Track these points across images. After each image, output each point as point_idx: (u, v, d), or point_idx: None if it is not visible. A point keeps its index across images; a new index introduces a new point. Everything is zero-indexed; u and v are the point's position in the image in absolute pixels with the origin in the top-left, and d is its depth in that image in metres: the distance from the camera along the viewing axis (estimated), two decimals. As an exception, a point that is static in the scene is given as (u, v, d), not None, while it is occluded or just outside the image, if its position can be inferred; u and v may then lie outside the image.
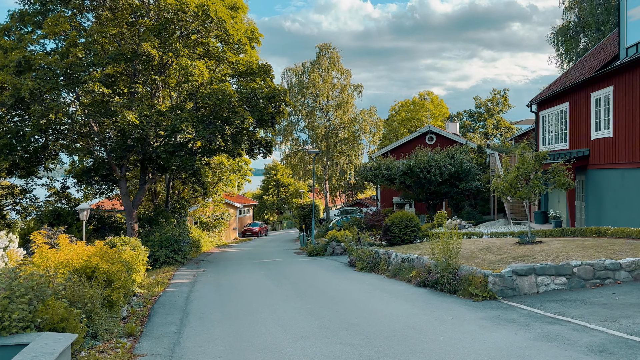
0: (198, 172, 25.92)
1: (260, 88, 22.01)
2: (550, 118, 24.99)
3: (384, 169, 32.69)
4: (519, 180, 14.15)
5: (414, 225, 20.60)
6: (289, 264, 21.02)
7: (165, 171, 23.76)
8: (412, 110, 69.11)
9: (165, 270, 19.92)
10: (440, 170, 30.79)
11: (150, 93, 22.96)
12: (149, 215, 26.73)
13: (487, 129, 67.22)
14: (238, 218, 54.77)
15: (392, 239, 20.43)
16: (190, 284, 15.69)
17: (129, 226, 23.37)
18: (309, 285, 14.10)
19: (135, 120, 19.52)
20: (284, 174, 78.22)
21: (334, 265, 19.36)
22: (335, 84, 55.27)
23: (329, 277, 15.53)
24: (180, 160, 20.83)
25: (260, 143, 24.83)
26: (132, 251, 15.34)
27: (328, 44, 55.71)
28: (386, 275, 15.17)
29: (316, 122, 55.07)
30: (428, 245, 17.57)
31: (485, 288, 10.53)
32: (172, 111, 20.98)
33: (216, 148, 22.08)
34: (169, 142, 21.47)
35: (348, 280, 14.67)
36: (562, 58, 39.52)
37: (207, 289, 14.39)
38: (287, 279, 15.74)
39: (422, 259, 13.86)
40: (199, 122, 20.89)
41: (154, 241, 22.05)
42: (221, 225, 40.96)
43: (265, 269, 19.11)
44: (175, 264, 21.76)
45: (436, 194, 32.69)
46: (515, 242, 15.11)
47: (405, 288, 12.52)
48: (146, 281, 15.98)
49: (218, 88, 20.63)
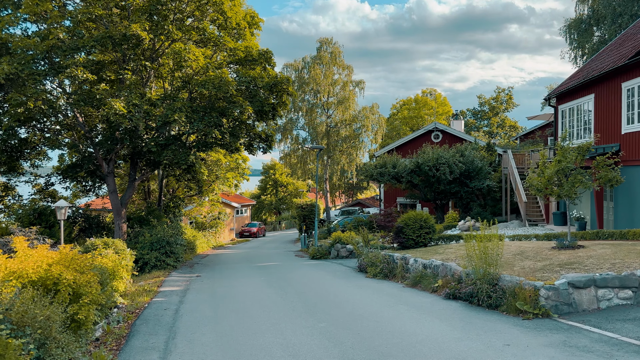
0: (193, 168, 23.99)
1: (260, 77, 20.12)
2: (572, 112, 23.20)
3: (390, 167, 30.88)
4: (559, 175, 12.34)
5: (429, 227, 18.76)
6: (291, 269, 19.16)
7: (157, 166, 21.84)
8: (414, 109, 67.30)
9: (154, 276, 18.02)
10: (450, 168, 29.02)
11: (141, 82, 21.06)
12: (140, 214, 24.80)
13: (491, 127, 65.46)
14: (235, 218, 52.85)
15: (405, 241, 18.59)
16: (181, 293, 13.79)
17: (116, 226, 21.46)
18: (317, 295, 12.23)
19: (123, 110, 17.63)
20: (283, 173, 76.31)
21: (342, 271, 17.50)
22: (336, 80, 53.42)
23: (339, 285, 13.66)
24: (172, 154, 18.92)
25: (260, 137, 22.95)
26: (115, 255, 13.46)
27: (329, 39, 53.84)
28: (405, 283, 13.33)
29: (317, 120, 53.20)
30: (450, 248, 15.74)
31: (537, 303, 8.70)
32: (164, 100, 19.09)
33: (212, 142, 20.19)
34: (161, 134, 19.59)
35: (362, 289, 12.81)
36: (576, 52, 37.80)
37: (200, 300, 12.50)
38: (291, 286, 13.86)
39: (448, 265, 12.02)
40: (193, 113, 19.00)
41: (144, 243, 20.13)
42: (218, 226, 39.03)
43: (265, 274, 17.24)
44: (167, 268, 19.85)
45: (445, 194, 30.89)
46: (552, 246, 13.31)
47: (433, 301, 10.67)
48: (131, 289, 14.09)
49: (214, 75, 18.74)
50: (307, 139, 55.62)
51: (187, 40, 20.39)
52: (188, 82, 19.64)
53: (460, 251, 14.64)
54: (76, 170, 22.09)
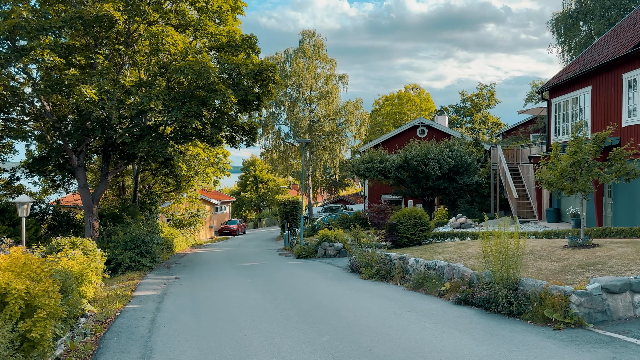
0: (170, 161, 22.49)
1: (244, 63, 18.76)
2: (566, 105, 22.45)
3: (378, 162, 29.85)
4: (573, 168, 11.35)
5: (424, 224, 17.71)
6: (277, 269, 17.90)
7: (132, 160, 20.32)
8: (397, 104, 66.47)
9: (129, 278, 16.55)
10: (439, 163, 28.10)
11: (115, 68, 19.50)
12: (114, 211, 23.19)
13: (474, 124, 65.08)
14: (215, 215, 51.23)
15: (399, 239, 17.51)
16: (158, 298, 12.41)
17: (88, 224, 19.88)
18: (311, 300, 11.01)
19: (94, 97, 16.09)
20: (263, 169, 74.78)
21: (332, 271, 16.32)
22: (319, 74, 52.11)
23: (334, 288, 12.47)
24: (148, 145, 17.44)
25: (244, 129, 21.57)
26: (84, 256, 12.03)
27: (312, 31, 52.47)
28: (405, 286, 12.21)
29: (299, 114, 51.82)
30: (449, 247, 14.67)
31: (567, 311, 7.64)
32: (139, 87, 17.59)
33: (192, 133, 18.78)
34: (136, 124, 18.11)
35: (359, 292, 11.64)
36: (563, 47, 37.30)
37: (180, 306, 11.17)
38: (281, 290, 12.62)
39: (455, 267, 10.92)
40: (171, 101, 17.56)
41: (117, 242, 18.62)
42: (197, 223, 37.46)
43: (251, 276, 15.95)
44: (142, 269, 18.38)
45: (433, 190, 30.00)
46: (562, 244, 12.36)
47: (442, 307, 9.56)
48: (102, 294, 12.66)
49: (195, 61, 17.32)
50: (289, 134, 54.22)
51: (164, 25, 18.92)
52: (166, 68, 18.16)
53: (463, 250, 13.61)
54: (43, 163, 20.41)
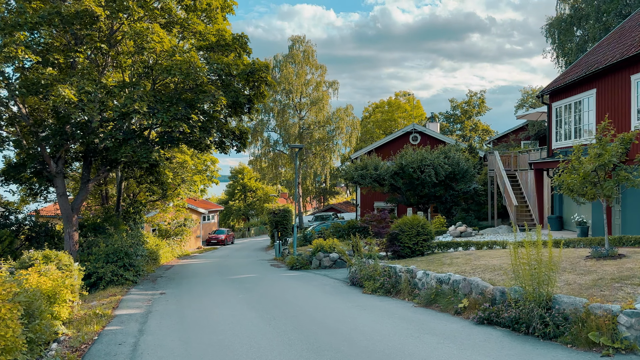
0: (156, 168, 21.23)
1: (235, 64, 17.67)
2: (568, 109, 21.72)
3: (372, 169, 28.91)
4: (598, 172, 10.42)
5: (427, 233, 16.68)
6: (271, 282, 16.72)
7: (114, 166, 19.06)
8: (387, 112, 65.82)
9: (110, 293, 15.24)
10: (435, 170, 27.21)
11: (97, 70, 18.31)
12: (95, 221, 21.83)
13: (464, 131, 64.60)
14: (202, 225, 49.79)
15: (401, 249, 16.45)
16: (142, 318, 11.17)
17: (67, 235, 18.53)
18: (314, 320, 9.88)
19: (73, 97, 14.87)
20: (252, 177, 73.49)
21: (331, 285, 15.20)
22: (309, 80, 51.17)
23: (337, 305, 11.34)
24: (132, 150, 16.21)
25: (234, 134, 20.44)
26: (59, 272, 10.77)
27: (302, 37, 51.59)
28: (415, 302, 11.12)
29: (289, 121, 50.74)
30: (457, 258, 13.63)
31: (616, 334, 6.63)
32: (122, 89, 16.39)
33: (179, 137, 17.61)
34: (119, 127, 16.91)
35: (366, 311, 10.53)
36: (557, 52, 36.83)
37: (167, 328, 9.95)
38: (278, 307, 11.46)
39: (473, 281, 9.88)
40: (157, 103, 16.39)
41: (98, 254, 17.29)
42: (183, 233, 36.06)
43: (243, 291, 14.75)
44: (125, 283, 17.05)
45: (428, 197, 29.08)
46: (584, 255, 11.39)
47: (463, 328, 8.49)
48: (79, 313, 11.39)
49: (182, 60, 16.20)
50: (278, 142, 53.10)
51: (150, 23, 17.79)
52: (151, 68, 17.00)
53: (474, 262, 12.58)
54: (19, 170, 19.04)
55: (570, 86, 21.46)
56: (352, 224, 31.97)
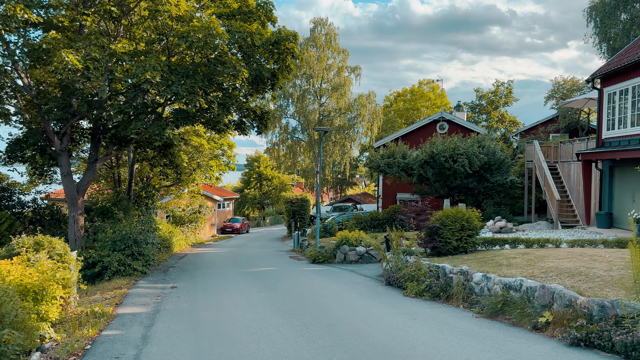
0: (170, 149, 19.51)
1: (258, 33, 15.77)
2: (624, 94, 19.46)
3: (400, 157, 26.86)
4: None
5: (472, 228, 14.68)
6: (294, 278, 14.92)
7: (125, 145, 17.35)
8: (409, 100, 63.47)
9: (115, 286, 13.56)
10: (469, 159, 25.10)
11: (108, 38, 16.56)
12: (104, 205, 20.22)
13: (490, 122, 62.03)
14: (217, 212, 48.27)
15: (442, 246, 14.49)
16: (147, 319, 9.43)
17: (71, 219, 16.91)
18: (359, 333, 8.01)
19: (78, 64, 13.13)
20: (268, 166, 71.79)
21: (363, 283, 13.34)
22: (330, 65, 49.05)
23: (380, 312, 9.46)
24: (143, 126, 14.46)
25: (255, 113, 18.59)
26: (51, 262, 9.07)
27: (324, 19, 49.39)
28: (475, 311, 9.20)
29: (308, 107, 48.78)
30: (515, 257, 11.62)
31: None
32: (133, 57, 14.62)
33: (195, 114, 15.80)
34: (130, 101, 15.17)
35: (417, 321, 8.64)
36: (600, 36, 34.31)
37: (176, 335, 8.19)
38: (307, 312, 9.62)
39: (556, 290, 7.92)
40: (171, 74, 14.59)
41: (104, 241, 15.63)
42: (198, 221, 34.48)
43: (264, 287, 12.96)
44: (133, 274, 15.37)
45: (459, 189, 27.02)
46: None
47: (553, 350, 6.57)
48: (76, 310, 9.69)
49: (200, 25, 14.35)
50: (297, 129, 51.24)
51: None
52: (166, 35, 15.18)
53: (539, 263, 10.58)
54: (21, 146, 17.44)
55: (628, 69, 19.21)
56: (374, 215, 30.13)
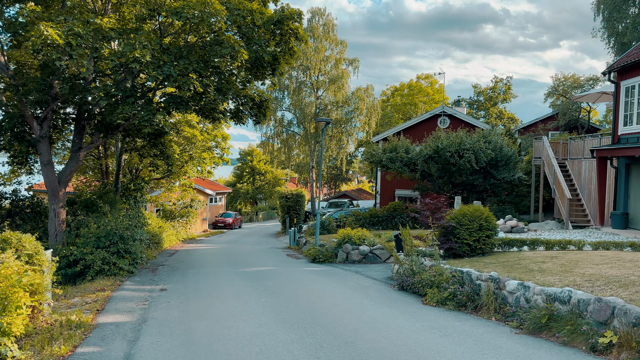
0: (160, 139, 18.10)
1: (259, 11, 14.40)
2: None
3: (403, 152, 25.63)
4: None
5: (491, 228, 13.46)
6: (296, 279, 13.62)
7: (111, 132, 15.92)
8: (407, 95, 62.25)
9: (98, 287, 12.17)
10: (475, 155, 23.93)
11: (93, 10, 15.11)
12: (89, 197, 18.75)
13: (489, 118, 61.01)
14: (209, 207, 46.83)
15: (458, 247, 13.28)
16: (132, 331, 8.08)
17: (52, 212, 15.47)
18: (384, 355, 6.73)
19: (58, 39, 11.70)
20: (261, 160, 70.37)
21: (374, 288, 12.08)
22: (328, 57, 47.58)
23: (402, 325, 8.19)
24: (130, 110, 13.05)
25: (253, 101, 17.22)
26: (17, 263, 7.70)
27: (322, 9, 47.88)
28: (513, 326, 7.96)
29: (305, 100, 47.35)
30: (545, 262, 10.36)
31: None
32: (121, 34, 13.19)
33: (189, 98, 14.41)
34: (117, 83, 13.75)
35: (449, 338, 7.39)
36: (609, 30, 33.28)
37: (165, 354, 6.86)
38: (319, 324, 8.33)
39: (617, 305, 6.67)
40: (163, 53, 13.19)
41: (87, 237, 14.21)
42: (189, 215, 33.05)
43: (265, 291, 11.64)
44: (119, 273, 13.99)
45: (464, 186, 25.86)
46: None
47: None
48: (48, 320, 8.32)
49: (196, 0, 12.95)
50: (292, 122, 49.80)
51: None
52: (157, 12, 13.76)
53: (577, 269, 9.36)
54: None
55: (650, 60, 18.08)
56: (373, 212, 28.95)
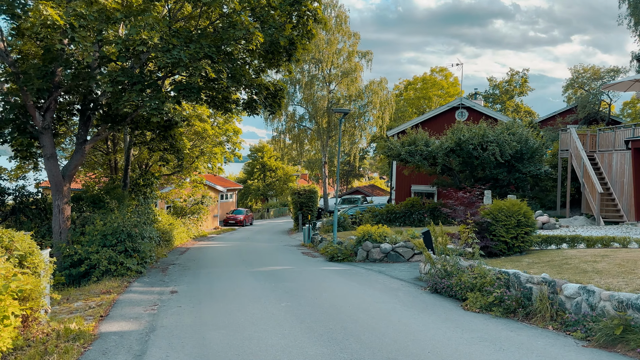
0: (170, 131, 17.12)
1: (275, -8, 13.35)
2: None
3: (422, 145, 24.48)
4: None
5: (530, 225, 12.33)
6: (316, 281, 12.58)
7: (118, 122, 14.95)
8: (421, 89, 60.91)
9: (104, 289, 11.22)
10: (500, 148, 22.73)
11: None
12: (95, 193, 17.86)
13: (505, 112, 59.52)
14: (220, 204, 45.99)
15: (494, 245, 12.17)
16: (138, 343, 7.08)
17: (56, 209, 14.57)
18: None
19: (59, 19, 10.74)
20: (272, 156, 69.40)
21: (403, 290, 11.00)
22: (340, 49, 46.37)
23: (448, 337, 7.12)
24: (138, 97, 12.08)
25: (268, 90, 16.18)
26: (8, 265, 6.73)
27: (334, 1, 46.60)
28: (577, 337, 6.86)
29: (317, 94, 46.23)
30: (598, 262, 9.25)
31: None
32: (128, 16, 12.21)
33: (200, 86, 13.40)
34: (123, 69, 12.78)
35: (507, 353, 6.27)
36: (635, 18, 31.88)
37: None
38: (351, 334, 7.28)
39: None
40: (172, 36, 12.19)
41: (92, 235, 13.28)
42: (200, 212, 32.17)
43: (284, 294, 10.61)
44: (127, 274, 13.05)
45: (486, 180, 24.61)
46: None
47: None
48: (43, 330, 7.35)
49: (208, -22, 11.94)
50: (304, 117, 48.72)
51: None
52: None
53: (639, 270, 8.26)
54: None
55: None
56: (390, 208, 27.85)
